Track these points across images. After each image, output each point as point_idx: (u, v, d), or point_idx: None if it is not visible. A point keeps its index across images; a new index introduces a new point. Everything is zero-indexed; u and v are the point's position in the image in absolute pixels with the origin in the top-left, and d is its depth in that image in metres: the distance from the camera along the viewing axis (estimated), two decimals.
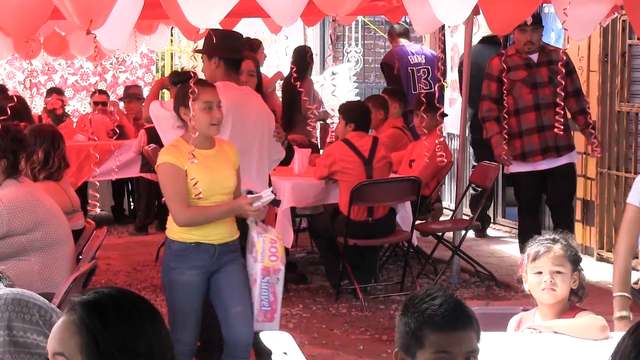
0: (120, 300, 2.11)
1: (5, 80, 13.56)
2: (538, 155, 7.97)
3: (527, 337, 3.82)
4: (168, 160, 5.05)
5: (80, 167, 10.17)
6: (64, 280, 5.05)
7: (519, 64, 7.99)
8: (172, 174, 5.03)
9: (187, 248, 5.10)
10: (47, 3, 4.74)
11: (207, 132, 5.11)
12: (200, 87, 5.05)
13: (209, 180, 5.10)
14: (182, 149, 5.06)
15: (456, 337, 2.60)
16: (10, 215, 5.13)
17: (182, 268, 5.11)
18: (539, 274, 3.88)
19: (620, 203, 8.86)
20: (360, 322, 7.25)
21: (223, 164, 5.20)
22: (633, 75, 8.77)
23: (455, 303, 2.65)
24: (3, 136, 5.30)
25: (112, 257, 9.40)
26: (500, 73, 7.67)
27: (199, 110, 5.04)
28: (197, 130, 5.03)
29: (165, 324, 2.17)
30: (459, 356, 2.60)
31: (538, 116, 7.94)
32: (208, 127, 5.10)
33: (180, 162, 5.01)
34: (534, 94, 7.96)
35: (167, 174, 5.06)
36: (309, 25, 10.34)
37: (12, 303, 2.83)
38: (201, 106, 5.05)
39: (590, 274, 8.43)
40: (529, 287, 3.94)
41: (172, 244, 5.16)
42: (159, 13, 5.85)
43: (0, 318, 2.81)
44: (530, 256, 3.91)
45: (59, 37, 9.21)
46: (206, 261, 5.14)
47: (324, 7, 4.52)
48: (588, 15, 6.20)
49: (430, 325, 2.60)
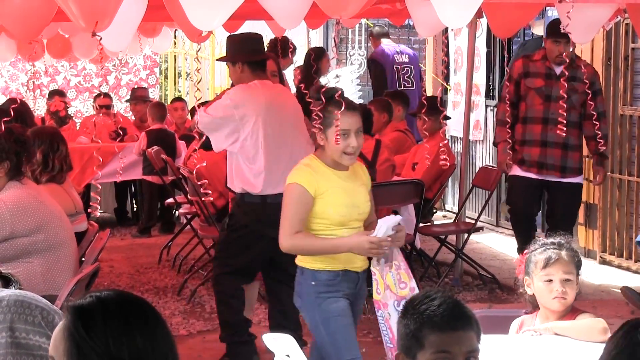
0: (112, 305, 2.11)
1: (8, 82, 13.59)
2: (534, 167, 7.75)
3: (528, 339, 3.82)
4: (298, 181, 4.63)
5: (83, 169, 10.17)
6: (67, 283, 5.04)
7: (540, 72, 7.72)
8: (298, 196, 4.60)
9: (337, 276, 4.68)
10: (51, 5, 4.74)
11: (340, 160, 4.65)
12: (339, 111, 4.53)
13: (348, 204, 4.67)
14: (317, 169, 4.66)
15: (456, 336, 2.61)
16: (13, 217, 5.14)
17: (336, 295, 4.72)
18: (548, 281, 3.86)
19: (623, 206, 8.86)
20: (363, 325, 7.23)
21: (359, 187, 4.78)
22: (636, 78, 8.77)
23: (454, 303, 2.66)
24: (6, 138, 5.30)
25: (115, 259, 9.40)
26: (520, 77, 7.64)
27: (334, 136, 4.58)
28: (330, 155, 4.64)
29: (167, 329, 2.15)
30: (460, 356, 2.60)
31: (544, 130, 7.68)
32: (340, 156, 4.63)
33: (311, 186, 4.60)
34: (546, 106, 7.68)
35: (293, 195, 4.63)
36: (313, 28, 10.35)
37: (14, 304, 2.83)
38: (336, 132, 4.57)
39: (592, 277, 8.49)
40: (534, 292, 3.92)
41: (317, 274, 4.68)
42: (162, 15, 5.86)
43: (2, 319, 2.81)
44: (539, 263, 3.88)
45: (62, 40, 9.22)
46: (351, 289, 4.78)
47: (327, 9, 4.51)
48: (591, 19, 6.21)
49: (429, 325, 2.61)
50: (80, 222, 6.30)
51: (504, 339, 3.89)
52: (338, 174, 4.68)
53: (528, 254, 3.98)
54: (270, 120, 6.01)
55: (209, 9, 4.40)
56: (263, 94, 6.04)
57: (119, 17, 4.58)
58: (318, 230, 4.64)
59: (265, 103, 6.02)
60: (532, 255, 3.94)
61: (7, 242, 5.16)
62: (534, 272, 3.90)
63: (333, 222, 4.63)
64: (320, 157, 4.70)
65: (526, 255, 3.99)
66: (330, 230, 4.63)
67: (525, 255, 4.00)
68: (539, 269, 3.89)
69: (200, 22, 4.53)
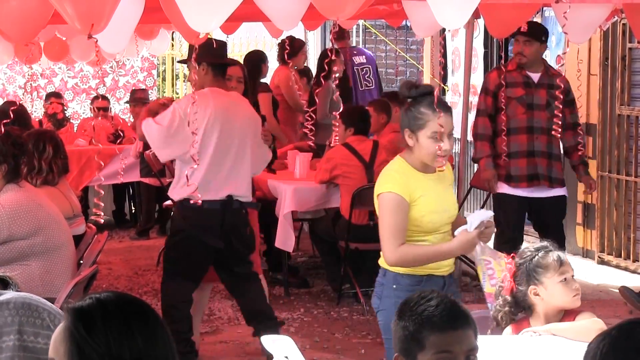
0: (111, 306, 2.11)
1: (5, 85, 13.58)
2: (523, 182, 7.41)
3: (527, 340, 3.81)
4: (392, 190, 4.35)
5: (81, 171, 10.17)
6: (65, 285, 5.04)
7: (518, 81, 7.42)
8: (395, 205, 4.33)
9: (420, 281, 4.43)
10: (47, 7, 4.74)
11: (431, 163, 4.42)
12: (431, 113, 4.37)
13: (439, 210, 4.45)
14: (407, 173, 4.41)
15: (456, 336, 2.61)
16: (10, 220, 5.13)
17: None
18: (564, 281, 3.84)
19: (621, 206, 8.86)
20: (361, 326, 7.24)
21: (448, 189, 4.58)
22: (633, 78, 8.78)
23: (452, 303, 2.67)
24: (4, 141, 5.29)
25: (114, 261, 9.40)
26: (497, 88, 7.36)
27: (426, 139, 4.38)
28: (420, 158, 4.41)
29: (166, 330, 2.15)
30: (460, 355, 2.61)
31: (530, 140, 7.38)
32: (433, 159, 4.39)
33: (406, 193, 4.35)
34: (529, 115, 7.38)
35: (390, 205, 4.34)
36: (310, 29, 10.38)
37: (22, 307, 2.82)
38: (428, 134, 4.36)
39: (591, 277, 8.49)
40: (546, 297, 3.84)
41: (399, 278, 4.41)
42: (159, 17, 5.86)
43: (10, 322, 2.80)
44: (552, 266, 3.83)
45: (59, 42, 9.21)
46: None
47: (325, 11, 4.51)
48: (588, 19, 6.21)
49: (429, 326, 2.61)
50: (78, 225, 6.29)
51: (503, 339, 3.88)
52: (427, 177, 4.45)
53: (524, 264, 3.89)
54: (217, 127, 6.09)
55: (206, 11, 4.40)
56: (212, 101, 6.11)
57: (116, 19, 4.57)
58: (408, 237, 4.38)
59: (213, 111, 6.09)
60: (536, 261, 3.87)
61: (5, 244, 5.16)
62: (546, 275, 3.83)
63: (425, 228, 4.40)
64: (408, 160, 4.45)
65: (520, 267, 3.89)
66: (420, 236, 4.40)
67: (515, 269, 3.90)
68: (552, 271, 3.83)
69: (197, 24, 4.53)
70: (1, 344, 2.77)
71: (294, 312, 7.61)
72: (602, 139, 9.01)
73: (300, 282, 8.40)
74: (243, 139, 6.21)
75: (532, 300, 3.87)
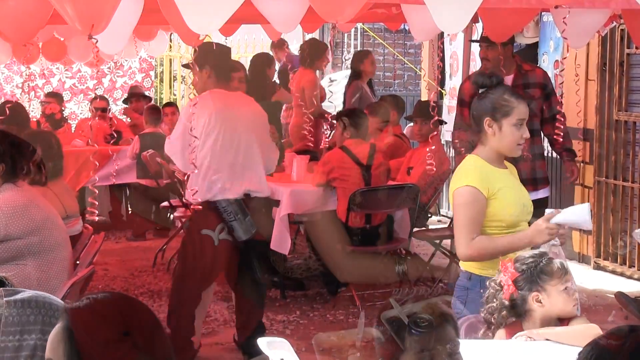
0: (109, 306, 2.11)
1: (3, 85, 13.58)
2: None
3: (522, 345, 3.81)
4: (469, 183, 4.30)
5: (79, 172, 10.16)
6: (61, 286, 5.04)
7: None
8: (472, 198, 4.27)
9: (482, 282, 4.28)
10: (46, 7, 4.74)
11: (510, 152, 4.40)
12: (515, 100, 4.36)
13: (518, 203, 4.39)
14: (483, 168, 4.36)
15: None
16: (7, 219, 5.13)
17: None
18: (566, 290, 3.81)
19: (617, 212, 8.86)
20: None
21: (520, 184, 4.54)
22: (631, 84, 8.79)
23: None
24: (1, 141, 5.29)
25: (110, 262, 9.39)
26: (472, 98, 7.32)
27: (511, 126, 4.33)
28: (500, 148, 4.37)
29: (163, 331, 2.16)
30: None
31: None
32: (514, 148, 4.37)
33: (484, 187, 4.29)
34: None
35: (465, 199, 4.29)
36: (309, 32, 10.37)
37: (43, 306, 2.80)
38: (513, 122, 4.32)
39: (587, 282, 8.49)
40: (548, 304, 3.82)
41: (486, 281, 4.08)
42: (158, 19, 5.85)
43: (33, 321, 2.78)
44: (558, 273, 3.80)
45: (58, 43, 9.21)
46: None
47: (323, 14, 4.51)
48: (586, 24, 6.22)
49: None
50: (72, 225, 6.29)
51: (497, 343, 3.88)
52: (502, 171, 4.40)
53: (528, 270, 3.85)
54: (219, 128, 6.15)
55: (205, 12, 4.40)
56: (212, 103, 6.16)
57: (115, 20, 4.57)
58: (491, 235, 4.33)
59: (214, 111, 6.14)
60: (541, 267, 3.84)
61: (1, 244, 5.15)
62: (550, 282, 3.81)
63: (507, 223, 4.33)
64: (481, 155, 4.40)
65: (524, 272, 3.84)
66: (503, 234, 4.33)
67: (517, 274, 3.85)
68: (557, 279, 3.81)
69: (197, 26, 4.53)
70: (22, 341, 2.77)
71: (290, 314, 7.61)
72: (599, 144, 9.01)
73: (296, 285, 8.40)
74: (249, 136, 6.28)
75: (531, 306, 3.84)
